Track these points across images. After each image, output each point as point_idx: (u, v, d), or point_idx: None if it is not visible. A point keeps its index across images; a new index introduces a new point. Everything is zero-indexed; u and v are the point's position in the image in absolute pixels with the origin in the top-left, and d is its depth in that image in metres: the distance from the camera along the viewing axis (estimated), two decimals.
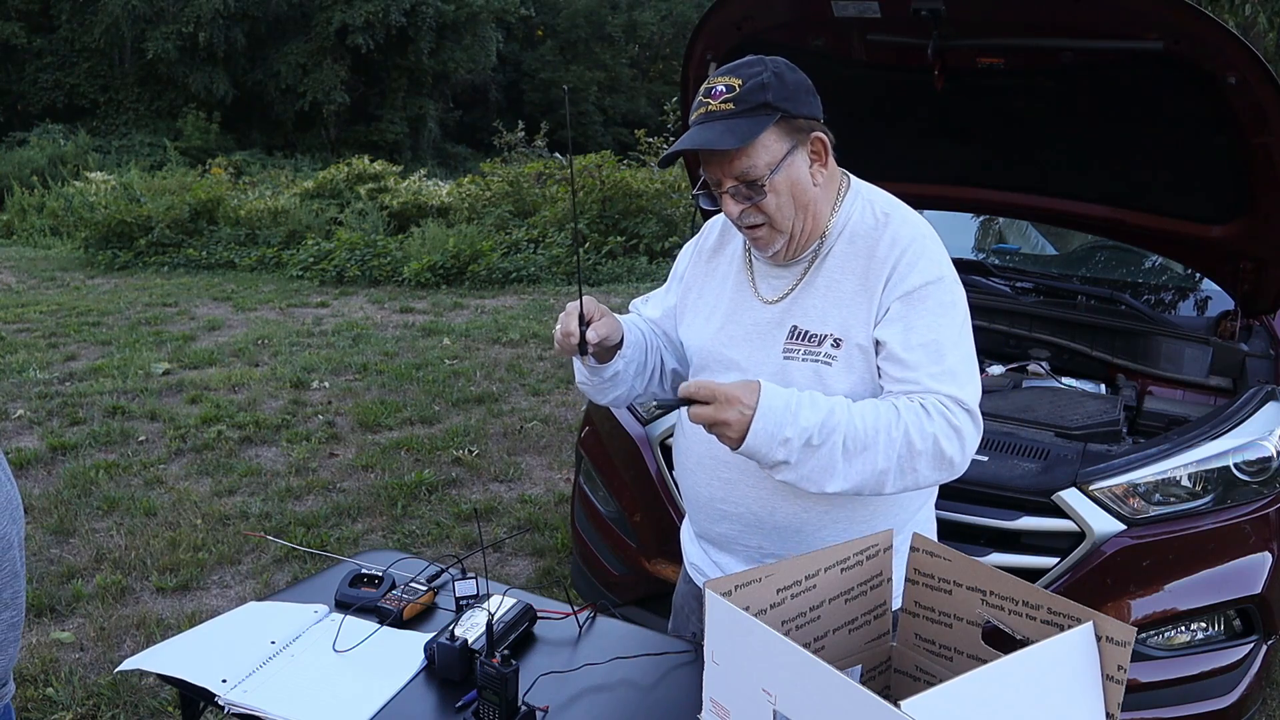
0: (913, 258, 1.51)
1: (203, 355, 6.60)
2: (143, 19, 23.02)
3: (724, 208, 1.53)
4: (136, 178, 14.28)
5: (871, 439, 1.42)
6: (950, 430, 1.43)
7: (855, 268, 1.54)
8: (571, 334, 1.52)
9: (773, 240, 1.55)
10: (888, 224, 1.55)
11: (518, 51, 31.84)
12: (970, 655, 1.26)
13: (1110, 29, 2.43)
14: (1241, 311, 2.98)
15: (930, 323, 1.48)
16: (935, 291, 1.50)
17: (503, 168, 13.15)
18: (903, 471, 1.44)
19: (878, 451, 1.42)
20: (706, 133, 1.46)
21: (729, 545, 1.68)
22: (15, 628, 1.28)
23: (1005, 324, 3.22)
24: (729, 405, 1.40)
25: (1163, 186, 2.92)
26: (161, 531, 3.89)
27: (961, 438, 1.44)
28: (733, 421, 1.39)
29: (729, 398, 1.40)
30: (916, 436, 1.42)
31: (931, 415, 1.43)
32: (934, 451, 1.43)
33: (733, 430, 1.40)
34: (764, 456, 1.42)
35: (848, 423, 1.42)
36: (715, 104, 1.47)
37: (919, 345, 1.47)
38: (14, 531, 1.26)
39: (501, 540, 3.88)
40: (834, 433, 1.41)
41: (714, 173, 1.51)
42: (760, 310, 1.61)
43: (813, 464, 1.42)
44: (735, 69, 1.49)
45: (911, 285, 1.49)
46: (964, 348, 1.51)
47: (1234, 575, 2.34)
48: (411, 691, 1.53)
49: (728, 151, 1.46)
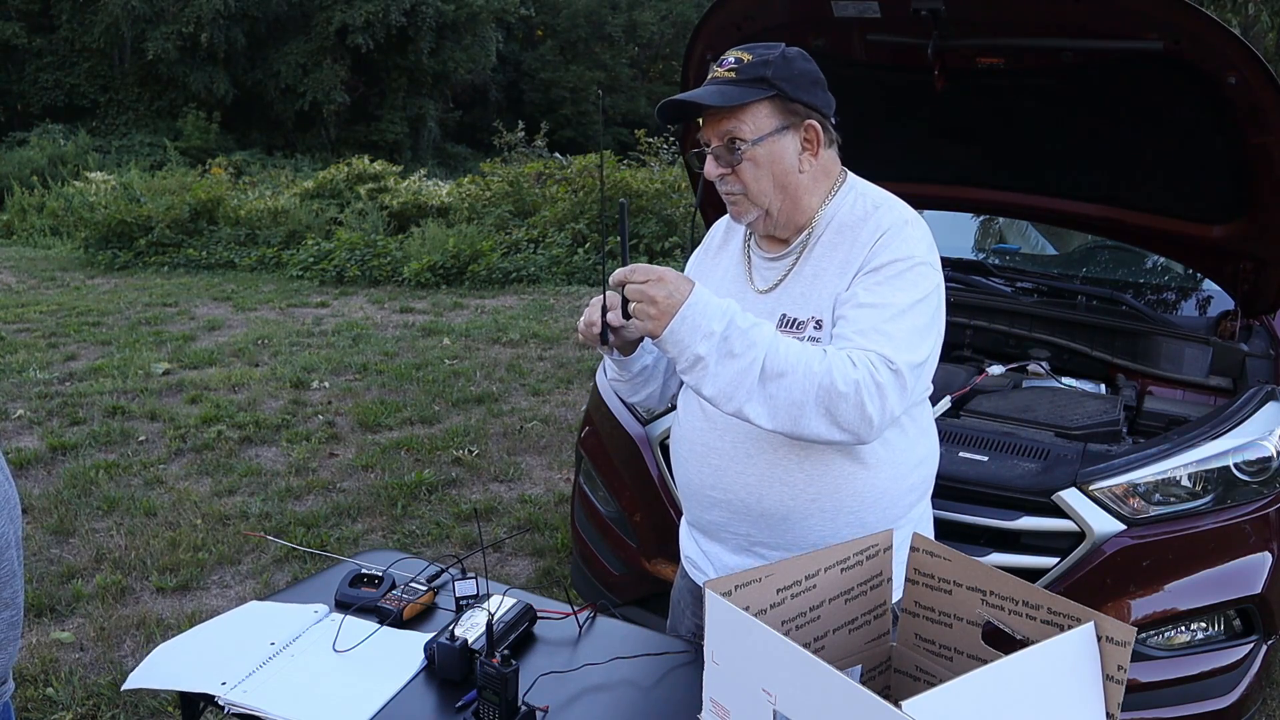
0: (889, 239, 1.54)
1: (203, 355, 6.60)
2: (143, 19, 23.00)
3: (705, 167, 1.60)
4: (136, 178, 14.28)
5: (791, 366, 1.41)
6: (873, 384, 1.42)
7: (839, 255, 1.58)
8: (594, 324, 1.57)
9: (747, 210, 1.61)
10: (875, 211, 1.59)
11: (518, 51, 31.83)
12: (970, 655, 1.26)
13: (1110, 29, 2.43)
14: (1241, 311, 2.98)
15: (885, 291, 1.50)
16: (900, 266, 1.52)
17: (503, 168, 13.14)
18: (821, 410, 1.42)
19: (795, 380, 1.41)
20: (702, 91, 1.55)
21: (718, 533, 1.71)
22: (15, 627, 1.29)
23: (1005, 324, 3.22)
24: (661, 284, 1.41)
25: (1163, 186, 2.92)
26: (161, 531, 3.89)
27: (884, 395, 1.43)
28: (659, 299, 1.41)
29: (663, 278, 1.42)
30: (839, 379, 1.41)
31: (857, 365, 1.43)
32: (855, 402, 1.41)
33: (657, 309, 1.41)
34: (685, 347, 1.41)
35: (770, 344, 1.43)
36: (721, 71, 1.56)
37: (863, 305, 1.50)
38: (11, 531, 1.27)
39: (501, 540, 3.88)
40: (754, 346, 1.42)
41: (706, 133, 1.59)
42: (754, 300, 1.65)
43: (730, 373, 1.42)
44: (751, 46, 1.56)
45: (881, 261, 1.53)
46: (912, 319, 1.50)
47: (1234, 575, 2.34)
48: (411, 691, 1.53)
49: (719, 112, 1.54)
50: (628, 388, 1.77)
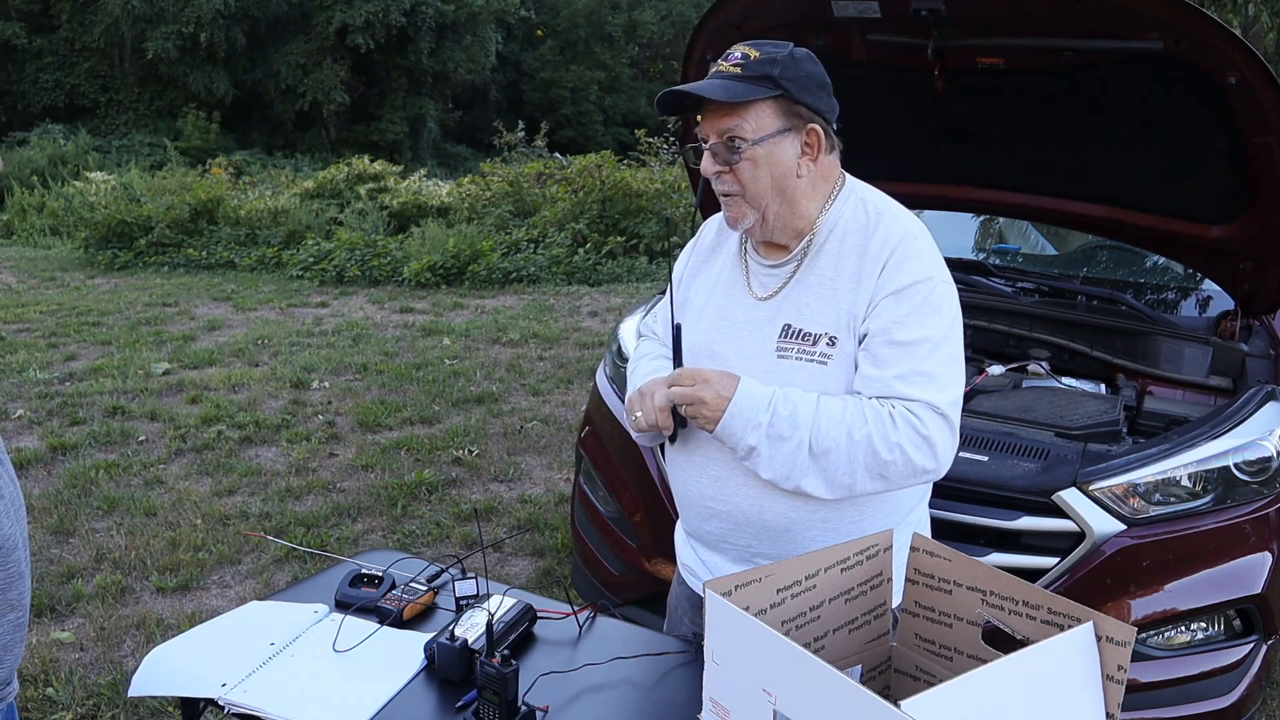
0: (903, 255, 1.53)
1: (203, 355, 6.60)
2: (143, 19, 23.00)
3: (702, 163, 1.58)
4: (136, 178, 14.28)
5: (834, 443, 1.46)
6: (918, 439, 1.46)
7: (848, 266, 1.56)
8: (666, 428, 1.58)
9: (744, 213, 1.58)
10: (879, 221, 1.57)
11: (518, 51, 31.83)
12: (970, 655, 1.26)
13: (1110, 29, 2.43)
14: (1241, 311, 2.98)
15: (916, 321, 1.50)
16: (923, 290, 1.52)
17: (503, 168, 13.14)
18: (873, 477, 1.48)
19: (840, 456, 1.47)
20: (705, 85, 1.53)
21: (718, 544, 1.69)
22: (21, 628, 1.29)
23: (1005, 324, 3.22)
24: (707, 385, 1.48)
25: (1163, 186, 2.92)
26: (161, 531, 3.89)
27: (932, 445, 1.47)
28: (709, 400, 1.48)
29: (709, 379, 1.49)
30: (881, 446, 1.46)
31: (898, 425, 1.46)
32: (903, 461, 1.46)
33: (709, 409, 1.48)
34: (738, 439, 1.49)
35: (813, 424, 1.47)
36: (726, 65, 1.53)
37: (898, 343, 1.50)
38: (18, 533, 1.28)
39: (501, 540, 3.88)
40: (799, 429, 1.47)
41: (705, 128, 1.57)
42: (752, 307, 1.63)
43: (782, 455, 1.48)
44: (760, 42, 1.54)
45: (901, 283, 1.51)
46: (947, 349, 1.52)
47: (1234, 575, 2.34)
48: (411, 691, 1.53)
49: (720, 108, 1.52)
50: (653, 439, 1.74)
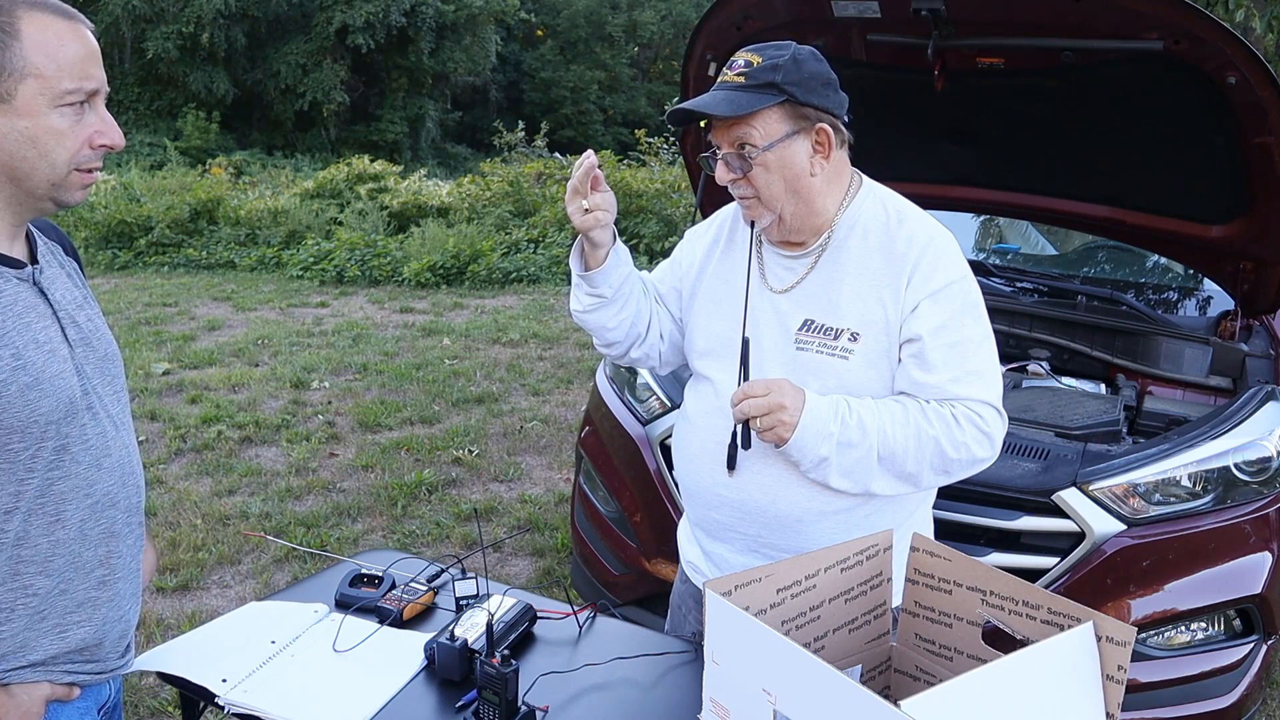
0: (935, 255, 1.55)
1: (203, 355, 6.60)
2: (143, 19, 23.01)
3: (716, 172, 1.59)
4: (136, 177, 14.25)
5: (903, 447, 1.50)
6: (982, 436, 1.52)
7: (872, 263, 1.57)
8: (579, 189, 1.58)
9: (760, 214, 1.60)
10: (903, 221, 1.59)
11: (518, 51, 31.84)
12: (970, 655, 1.26)
13: (1110, 29, 2.43)
14: (1241, 311, 2.99)
15: (958, 323, 1.54)
16: (959, 291, 1.55)
17: (503, 168, 13.13)
18: (938, 472, 1.54)
19: (909, 458, 1.51)
20: (712, 99, 1.54)
21: (725, 533, 1.69)
22: (106, 585, 1.32)
23: (1005, 324, 3.22)
24: (782, 391, 1.49)
25: (1163, 186, 2.92)
26: (161, 531, 3.89)
27: (992, 439, 1.54)
28: (789, 405, 1.48)
29: (782, 386, 1.50)
30: (949, 446, 1.51)
31: (962, 425, 1.51)
32: (967, 456, 1.52)
33: (788, 415, 1.48)
34: (810, 451, 1.50)
35: (879, 430, 1.50)
36: (731, 75, 1.55)
37: (947, 345, 1.53)
38: (123, 496, 1.33)
39: (501, 540, 3.88)
40: (867, 435, 1.50)
41: (717, 137, 1.58)
42: (768, 299, 1.64)
43: (851, 462, 1.50)
44: (762, 47, 1.55)
45: (938, 284, 1.54)
46: (989, 345, 1.58)
47: (1234, 575, 2.34)
48: (411, 691, 1.53)
49: (729, 118, 1.53)
50: (596, 322, 1.70)
